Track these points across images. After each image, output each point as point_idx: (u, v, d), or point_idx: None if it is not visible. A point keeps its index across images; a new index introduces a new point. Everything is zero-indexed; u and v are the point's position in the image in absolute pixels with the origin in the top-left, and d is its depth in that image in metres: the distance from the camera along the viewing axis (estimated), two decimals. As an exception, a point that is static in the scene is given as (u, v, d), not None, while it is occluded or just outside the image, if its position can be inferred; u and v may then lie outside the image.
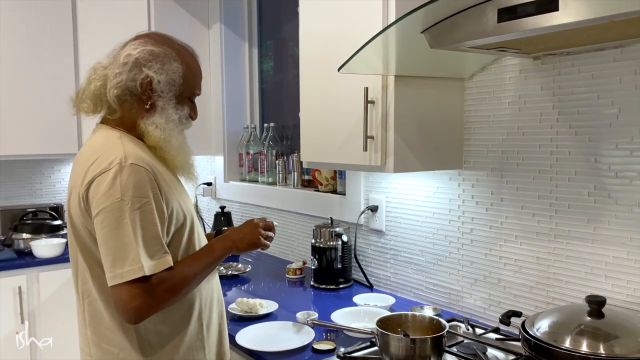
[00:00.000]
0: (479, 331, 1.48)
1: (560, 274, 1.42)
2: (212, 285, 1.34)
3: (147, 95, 1.21)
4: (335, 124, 1.63)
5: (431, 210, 1.78)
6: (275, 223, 1.42)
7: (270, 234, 1.37)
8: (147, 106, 1.21)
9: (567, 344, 1.12)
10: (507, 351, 1.34)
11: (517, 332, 1.24)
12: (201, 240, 1.32)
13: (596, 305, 1.15)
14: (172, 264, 1.15)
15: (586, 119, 1.34)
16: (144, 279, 1.09)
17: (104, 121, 1.26)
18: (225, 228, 1.54)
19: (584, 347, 1.10)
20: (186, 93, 1.27)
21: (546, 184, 1.43)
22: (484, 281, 1.62)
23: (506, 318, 1.29)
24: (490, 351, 1.37)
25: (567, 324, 1.17)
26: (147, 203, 1.11)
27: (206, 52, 2.85)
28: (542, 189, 1.44)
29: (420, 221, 1.82)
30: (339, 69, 1.37)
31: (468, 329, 1.49)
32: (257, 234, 1.33)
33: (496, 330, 1.46)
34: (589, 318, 1.16)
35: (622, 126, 1.27)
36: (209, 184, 3.03)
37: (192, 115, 1.30)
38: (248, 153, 2.78)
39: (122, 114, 1.23)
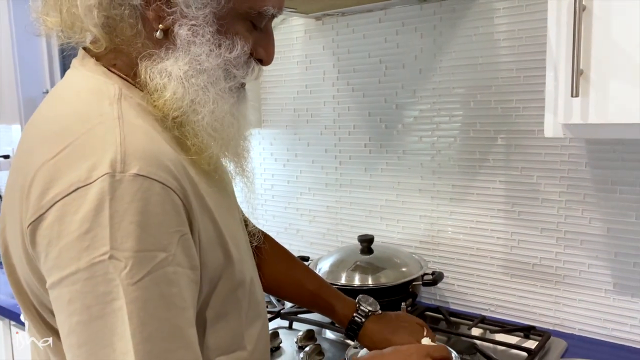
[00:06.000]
0: (278, 280, 1.57)
1: (346, 219, 1.55)
2: None
3: (157, 11, 0.61)
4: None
5: (237, 169, 1.81)
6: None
7: None
8: (158, 34, 0.62)
9: (343, 280, 1.24)
10: (299, 294, 1.45)
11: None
12: (260, 308, 0.75)
13: (366, 243, 1.29)
14: None
15: (360, 76, 1.46)
16: None
17: (88, 50, 0.66)
18: (381, 312, 0.97)
19: (356, 281, 1.23)
20: (242, 7, 0.63)
21: (331, 138, 1.54)
22: (285, 233, 1.71)
23: (294, 263, 1.38)
24: (286, 296, 1.46)
25: (344, 262, 1.30)
26: (164, 261, 0.54)
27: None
28: (328, 143, 1.55)
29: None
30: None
31: (268, 279, 1.58)
32: None
33: (294, 277, 1.57)
34: (362, 255, 1.29)
35: (389, 82, 1.41)
36: (7, 156, 2.72)
37: (262, 54, 0.68)
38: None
39: (113, 46, 0.64)
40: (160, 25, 0.61)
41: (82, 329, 0.52)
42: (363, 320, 0.93)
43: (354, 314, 0.94)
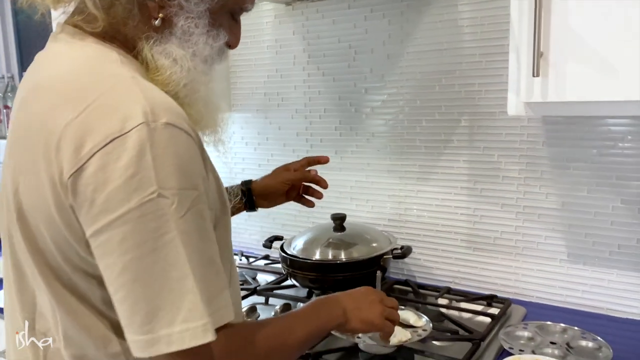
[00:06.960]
0: (251, 260, 1.61)
1: (317, 200, 1.60)
2: None
3: (159, 1, 0.67)
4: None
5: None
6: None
7: (396, 314, 0.90)
8: (156, 22, 0.68)
9: (317, 256, 1.29)
10: (272, 272, 1.49)
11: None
12: (231, 254, 0.81)
13: (339, 220, 1.34)
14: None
15: (330, 61, 1.50)
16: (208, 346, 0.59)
17: (75, 24, 0.70)
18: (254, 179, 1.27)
19: (330, 256, 1.29)
20: (230, 4, 0.74)
21: (302, 122, 1.58)
22: (257, 215, 1.73)
23: (268, 242, 1.43)
24: (260, 276, 1.50)
25: (318, 239, 1.35)
26: (198, 199, 0.61)
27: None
28: (299, 127, 1.59)
29: (197, 166, 1.86)
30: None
31: (241, 260, 1.61)
32: (378, 310, 0.86)
33: (266, 257, 1.61)
34: (334, 233, 1.35)
35: (358, 67, 1.46)
36: (-39, 144, 2.63)
37: (232, 40, 0.77)
38: (7, 106, 2.47)
39: (108, 26, 0.68)
40: (160, 14, 0.67)
41: (137, 264, 0.57)
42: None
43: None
